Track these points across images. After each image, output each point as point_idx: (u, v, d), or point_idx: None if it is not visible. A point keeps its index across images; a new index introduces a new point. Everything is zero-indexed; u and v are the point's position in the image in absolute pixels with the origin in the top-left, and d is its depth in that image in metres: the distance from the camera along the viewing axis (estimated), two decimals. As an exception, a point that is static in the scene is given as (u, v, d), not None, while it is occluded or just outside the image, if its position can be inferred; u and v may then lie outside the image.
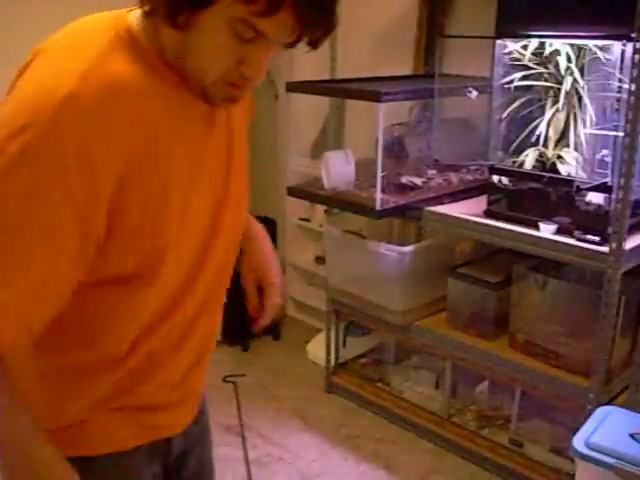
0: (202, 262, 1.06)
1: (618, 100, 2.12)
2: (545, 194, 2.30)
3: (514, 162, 2.37)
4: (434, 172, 2.79)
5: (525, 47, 2.30)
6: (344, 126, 3.52)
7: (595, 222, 2.18)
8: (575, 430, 1.95)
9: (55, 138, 0.82)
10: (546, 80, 2.29)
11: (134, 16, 0.93)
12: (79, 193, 0.84)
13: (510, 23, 2.34)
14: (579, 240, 2.17)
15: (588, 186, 2.16)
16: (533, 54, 2.29)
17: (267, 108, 4.18)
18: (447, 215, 2.51)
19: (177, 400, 1.15)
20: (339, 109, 3.42)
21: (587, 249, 2.14)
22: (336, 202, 2.72)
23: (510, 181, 2.40)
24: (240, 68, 0.91)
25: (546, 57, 2.27)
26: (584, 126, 2.22)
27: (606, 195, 2.16)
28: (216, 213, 1.05)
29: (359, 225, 2.94)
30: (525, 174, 2.33)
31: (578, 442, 1.89)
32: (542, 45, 2.27)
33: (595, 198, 2.21)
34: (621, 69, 2.10)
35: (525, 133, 2.33)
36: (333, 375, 3.14)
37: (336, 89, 2.77)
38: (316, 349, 3.39)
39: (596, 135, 2.20)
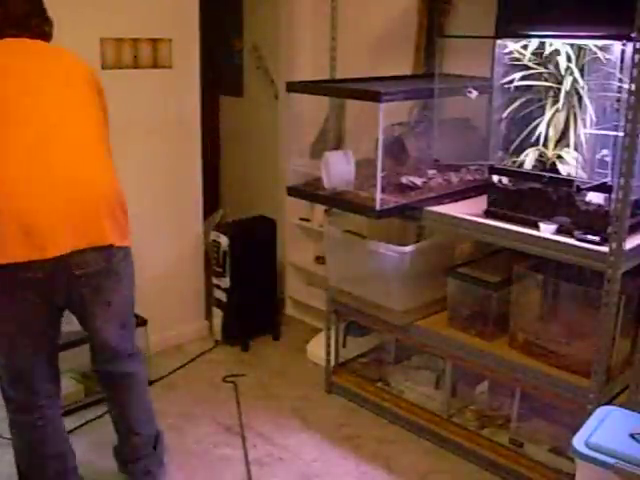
0: None
1: (618, 100, 2.12)
2: (545, 194, 2.30)
3: (514, 162, 2.37)
4: (434, 172, 2.79)
5: (525, 47, 2.30)
6: (344, 126, 3.52)
7: (595, 222, 2.18)
8: (575, 430, 1.95)
9: None
10: (546, 80, 2.29)
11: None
12: None
13: (510, 23, 2.35)
14: (579, 240, 2.17)
15: (588, 186, 2.17)
16: (533, 54, 2.29)
17: (267, 108, 4.19)
18: (447, 215, 2.51)
19: None
20: (339, 109, 3.41)
21: (587, 249, 2.14)
22: (336, 202, 2.72)
23: (510, 181, 2.40)
24: None
25: (546, 57, 2.27)
26: (584, 126, 2.22)
27: (606, 195, 2.16)
28: None
29: (359, 225, 2.93)
30: (525, 174, 2.33)
31: (578, 442, 1.89)
32: (542, 45, 2.27)
33: (595, 198, 2.21)
34: (621, 69, 2.10)
35: (525, 133, 2.33)
36: (333, 375, 3.14)
37: (336, 89, 2.77)
38: (316, 349, 3.39)
39: (596, 135, 2.20)
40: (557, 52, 2.24)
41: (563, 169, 2.27)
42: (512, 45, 2.32)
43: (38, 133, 1.98)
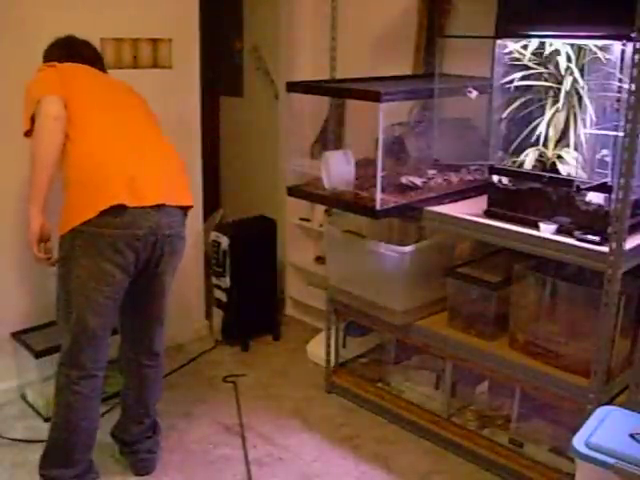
0: None
1: (618, 100, 2.12)
2: (545, 194, 2.30)
3: (514, 162, 2.37)
4: (434, 172, 2.79)
5: (525, 47, 2.30)
6: (344, 126, 3.52)
7: (595, 222, 2.18)
8: (575, 430, 1.95)
9: None
10: (546, 80, 2.29)
11: None
12: None
13: (510, 23, 2.35)
14: (579, 240, 2.17)
15: (588, 186, 2.17)
16: (533, 54, 2.29)
17: (267, 108, 4.19)
18: (447, 215, 2.51)
19: None
20: (339, 109, 3.41)
21: (587, 249, 2.15)
22: (336, 202, 2.72)
23: (510, 181, 2.40)
24: None
25: (546, 57, 2.27)
26: (584, 126, 2.22)
27: (606, 195, 2.16)
28: None
29: (359, 225, 2.94)
30: (525, 174, 2.33)
31: (578, 442, 1.89)
32: (542, 45, 2.27)
33: (595, 198, 2.21)
34: (621, 69, 2.10)
35: (525, 133, 2.33)
36: (333, 375, 3.14)
37: (336, 89, 2.77)
38: (316, 349, 3.39)
39: (596, 135, 2.21)
40: (557, 52, 2.24)
41: (563, 169, 2.27)
42: (512, 45, 2.32)
43: (130, 119, 2.41)
